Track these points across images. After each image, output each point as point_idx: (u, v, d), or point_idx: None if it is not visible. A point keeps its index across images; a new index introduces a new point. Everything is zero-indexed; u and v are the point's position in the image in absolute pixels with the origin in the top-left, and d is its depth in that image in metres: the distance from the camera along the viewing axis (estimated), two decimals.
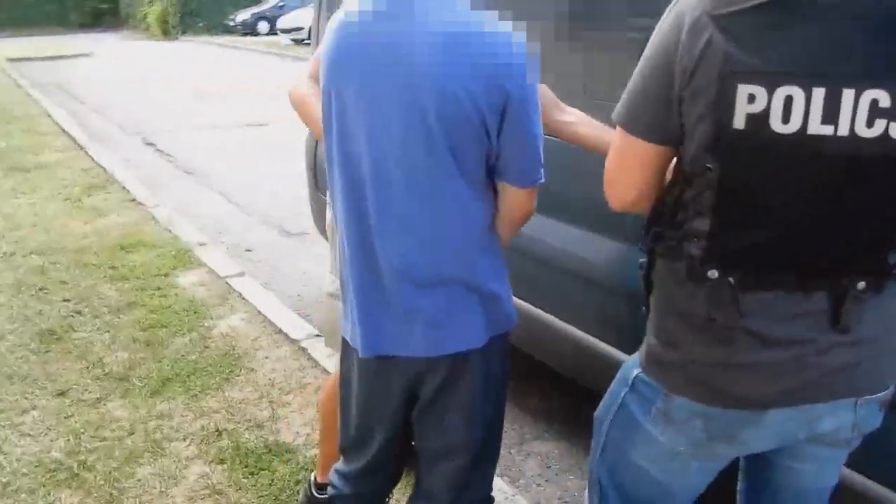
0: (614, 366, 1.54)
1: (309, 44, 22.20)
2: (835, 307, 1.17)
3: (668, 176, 1.29)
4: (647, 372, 1.34)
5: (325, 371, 3.37)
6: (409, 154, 1.42)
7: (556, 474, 2.84)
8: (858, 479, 1.65)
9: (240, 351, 3.60)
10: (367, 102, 1.44)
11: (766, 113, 1.05)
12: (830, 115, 1.04)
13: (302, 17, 23.63)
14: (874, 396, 1.26)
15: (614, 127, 1.27)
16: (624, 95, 1.22)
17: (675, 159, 1.26)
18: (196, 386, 3.28)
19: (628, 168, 1.26)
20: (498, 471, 1.91)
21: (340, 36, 1.48)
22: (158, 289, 4.32)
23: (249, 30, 27.38)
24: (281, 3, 27.37)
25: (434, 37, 1.36)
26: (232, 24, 28.13)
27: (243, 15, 27.97)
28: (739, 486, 1.58)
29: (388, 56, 1.40)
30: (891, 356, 1.25)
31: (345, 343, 1.73)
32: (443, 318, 1.53)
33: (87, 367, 3.43)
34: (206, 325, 3.88)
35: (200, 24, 29.19)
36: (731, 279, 1.17)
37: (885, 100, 1.03)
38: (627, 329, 1.72)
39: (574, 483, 2.78)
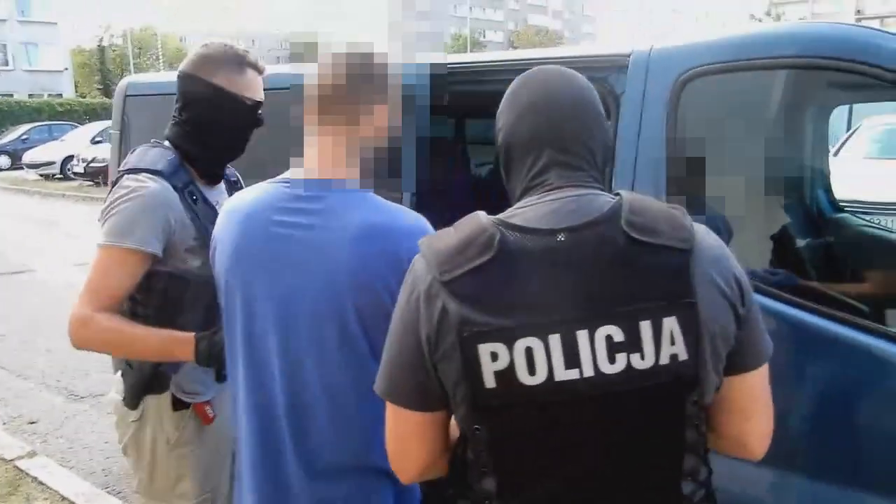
0: None
1: (60, 178, 20.52)
2: None
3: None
4: None
5: None
6: (323, 344, 1.41)
7: None
8: None
9: None
10: (279, 297, 1.42)
11: (511, 368, 1.04)
12: (572, 359, 1.04)
13: (51, 152, 22.22)
14: None
15: None
16: (381, 367, 1.20)
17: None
18: None
19: (406, 441, 1.21)
20: None
21: (245, 229, 1.45)
22: None
23: None
24: (24, 137, 25.51)
25: (349, 230, 1.38)
26: None
27: None
28: None
29: (302, 251, 1.40)
30: None
31: None
32: (357, 502, 1.49)
33: None
34: None
35: None
36: None
37: (618, 334, 1.04)
38: None
39: None
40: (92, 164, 18.85)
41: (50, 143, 23.25)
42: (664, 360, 1.05)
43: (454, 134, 4.36)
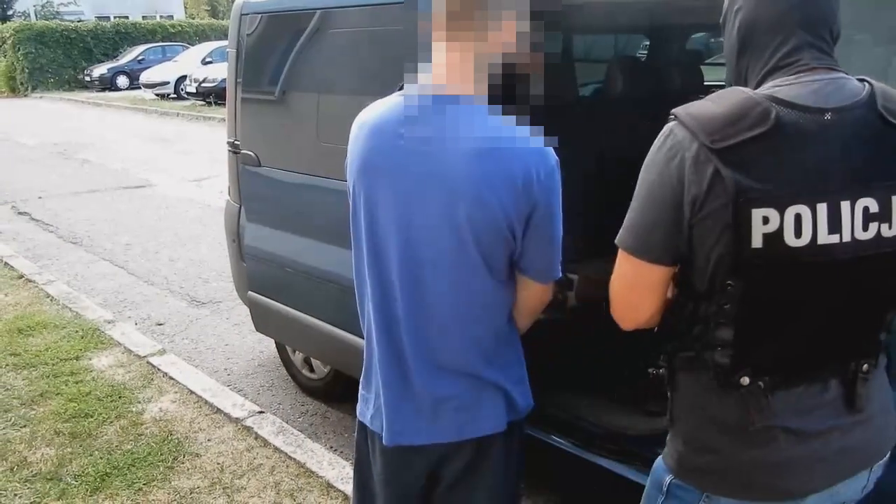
0: None
1: (174, 98, 21.26)
2: (848, 391, 1.30)
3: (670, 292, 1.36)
4: (682, 478, 1.39)
5: (276, 450, 3.27)
6: (440, 255, 1.48)
7: None
8: None
9: (179, 436, 3.43)
10: (400, 206, 1.49)
11: (780, 231, 1.17)
12: (834, 226, 1.18)
13: (165, 72, 23.07)
14: (881, 462, 1.39)
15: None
16: (628, 225, 1.30)
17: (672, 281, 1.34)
18: (139, 478, 3.10)
19: (641, 293, 1.33)
20: None
21: (373, 141, 1.52)
22: (72, 374, 4.05)
23: (108, 85, 26.26)
24: (140, 58, 26.49)
25: (468, 146, 1.42)
26: (88, 79, 26.90)
27: (100, 70, 26.75)
28: None
29: (422, 163, 1.45)
30: (890, 422, 1.39)
31: (362, 428, 1.73)
32: (470, 403, 1.59)
33: (11, 469, 3.16)
34: (135, 410, 3.67)
35: (52, 80, 27.73)
36: (761, 383, 1.26)
37: (873, 206, 1.19)
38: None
39: None
40: (203, 84, 19.44)
41: (164, 64, 24.08)
42: None
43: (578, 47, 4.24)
